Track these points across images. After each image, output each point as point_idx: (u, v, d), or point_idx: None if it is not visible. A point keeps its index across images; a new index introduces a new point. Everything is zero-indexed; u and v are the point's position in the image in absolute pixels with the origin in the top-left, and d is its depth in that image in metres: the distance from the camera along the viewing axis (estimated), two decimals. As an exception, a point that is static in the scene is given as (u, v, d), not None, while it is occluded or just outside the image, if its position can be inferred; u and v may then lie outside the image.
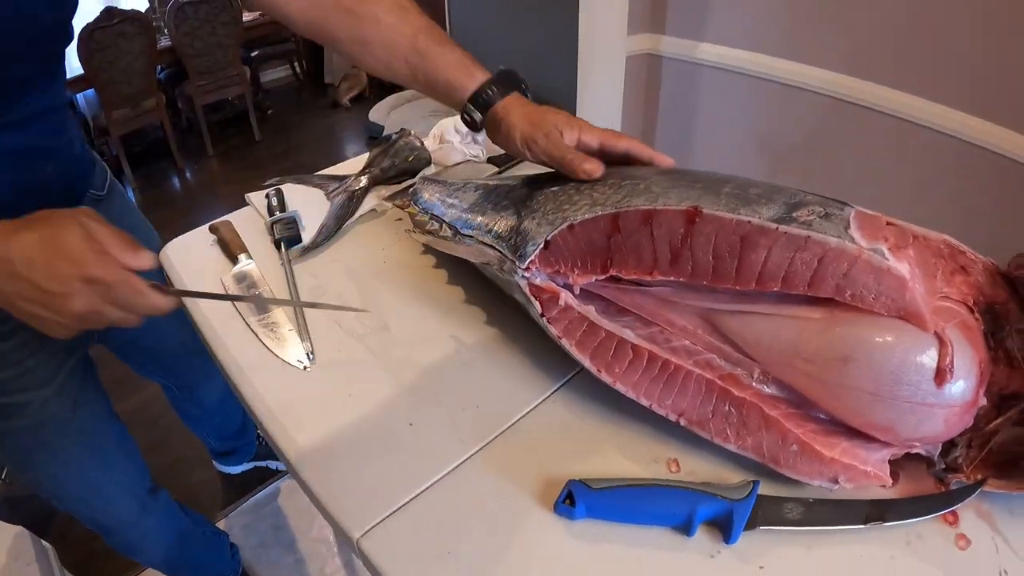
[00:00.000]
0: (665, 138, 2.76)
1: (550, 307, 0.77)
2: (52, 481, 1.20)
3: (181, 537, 1.51)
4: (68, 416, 1.14)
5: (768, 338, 0.68)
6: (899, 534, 0.64)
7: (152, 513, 1.38)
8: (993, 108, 1.72)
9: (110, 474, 1.27)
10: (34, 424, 1.10)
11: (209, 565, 1.73)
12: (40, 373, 1.08)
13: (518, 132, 0.87)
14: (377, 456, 0.77)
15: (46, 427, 1.12)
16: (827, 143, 2.22)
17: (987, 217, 1.86)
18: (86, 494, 1.25)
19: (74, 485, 1.22)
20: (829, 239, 0.60)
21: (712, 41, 2.40)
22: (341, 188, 1.26)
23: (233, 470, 2.19)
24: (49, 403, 1.10)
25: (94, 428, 1.21)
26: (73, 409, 1.15)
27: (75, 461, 1.19)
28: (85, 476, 1.22)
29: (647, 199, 0.71)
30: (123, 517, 1.32)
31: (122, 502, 1.31)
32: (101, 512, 1.29)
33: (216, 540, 1.75)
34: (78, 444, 1.18)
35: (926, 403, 0.60)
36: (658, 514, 0.66)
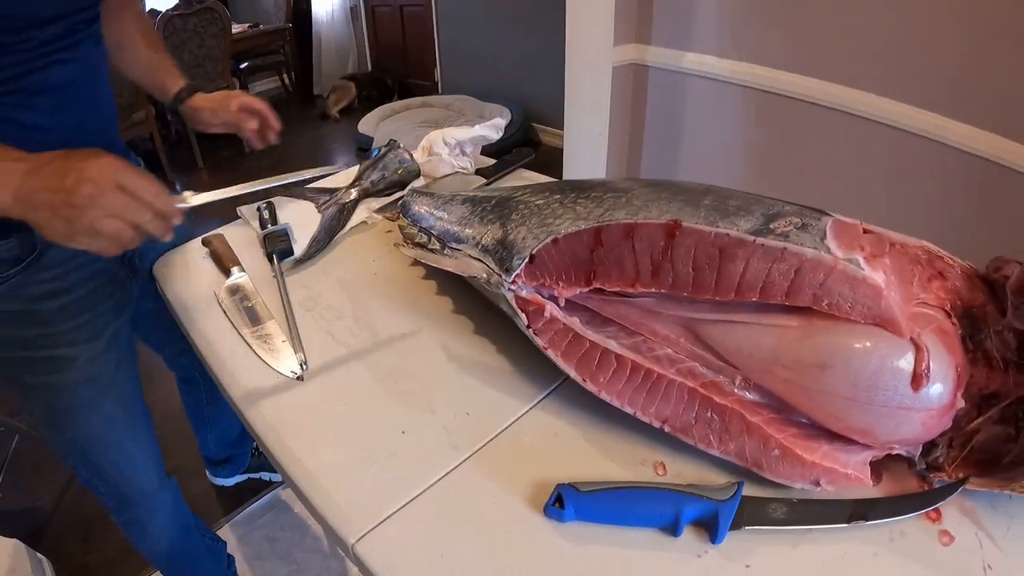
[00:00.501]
0: (652, 147, 2.77)
1: (536, 319, 0.79)
2: (88, 440, 1.22)
3: (184, 530, 1.53)
4: (111, 375, 1.20)
5: (748, 346, 0.70)
6: (883, 531, 0.66)
7: (167, 492, 1.41)
8: (974, 112, 1.74)
9: (139, 442, 1.31)
10: (79, 379, 1.15)
11: (206, 569, 1.72)
12: (90, 329, 1.14)
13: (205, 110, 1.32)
14: (371, 463, 0.78)
15: (90, 383, 1.17)
16: (811, 150, 2.24)
17: (968, 219, 1.88)
18: (117, 456, 1.28)
19: (107, 447, 1.25)
20: (805, 250, 0.62)
21: (698, 51, 2.42)
22: (332, 201, 1.28)
23: (226, 482, 2.19)
24: (96, 359, 1.16)
25: (130, 394, 1.26)
26: (115, 369, 1.20)
27: (112, 422, 1.23)
28: (119, 439, 1.26)
29: (628, 212, 0.73)
30: (145, 487, 1.34)
31: (146, 470, 1.34)
32: (126, 479, 1.31)
33: (215, 546, 1.76)
34: (117, 405, 1.23)
35: (903, 407, 0.62)
36: (645, 515, 0.67)
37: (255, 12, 6.58)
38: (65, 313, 1.10)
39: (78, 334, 1.12)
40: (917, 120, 1.86)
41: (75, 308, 1.11)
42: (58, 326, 1.10)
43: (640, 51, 2.56)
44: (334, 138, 5.65)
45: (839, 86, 2.04)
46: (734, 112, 2.42)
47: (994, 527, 0.66)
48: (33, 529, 2.17)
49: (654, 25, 2.50)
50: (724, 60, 2.34)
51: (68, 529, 2.18)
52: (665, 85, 2.58)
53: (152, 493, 1.36)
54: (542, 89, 4.79)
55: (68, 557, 2.05)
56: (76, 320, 1.12)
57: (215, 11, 4.49)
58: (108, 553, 2.07)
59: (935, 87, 1.81)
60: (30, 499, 2.29)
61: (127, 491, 1.33)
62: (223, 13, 4.56)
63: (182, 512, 1.51)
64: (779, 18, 2.13)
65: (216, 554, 1.75)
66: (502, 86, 5.17)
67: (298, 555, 1.99)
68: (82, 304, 1.12)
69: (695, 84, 2.49)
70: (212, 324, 1.05)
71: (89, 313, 1.13)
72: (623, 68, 2.57)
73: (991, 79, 1.68)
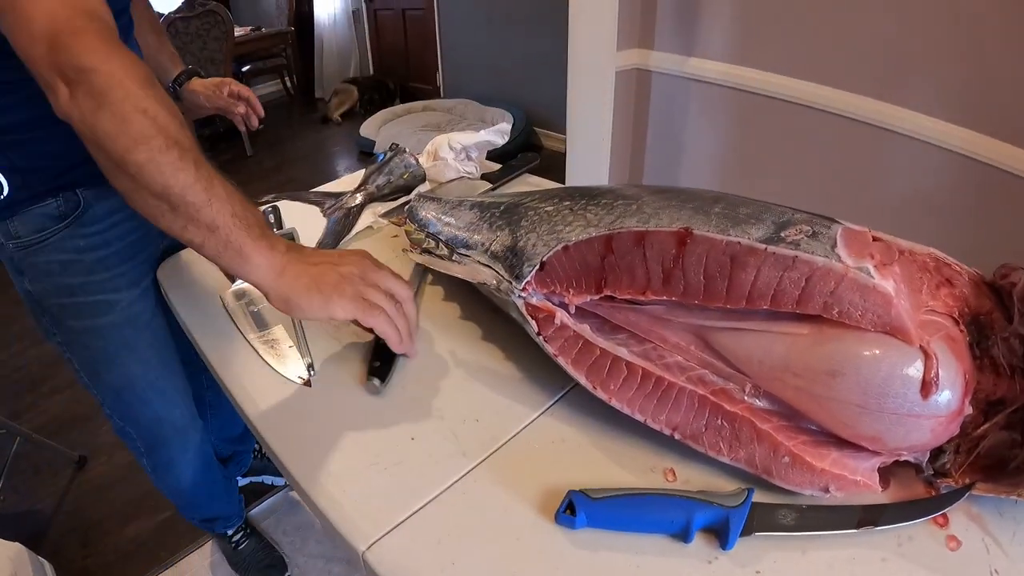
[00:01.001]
0: (654, 151, 2.78)
1: (546, 326, 0.79)
2: (126, 381, 1.33)
3: (208, 464, 1.61)
4: (148, 319, 1.31)
5: (759, 354, 0.70)
6: (891, 537, 0.66)
7: (196, 427, 1.51)
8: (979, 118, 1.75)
9: (174, 379, 1.41)
10: (120, 321, 1.26)
11: (221, 502, 1.82)
12: (130, 276, 1.26)
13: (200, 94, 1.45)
14: (380, 470, 0.78)
15: (130, 325, 1.28)
16: (814, 155, 2.24)
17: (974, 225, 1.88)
18: (153, 395, 1.38)
19: (144, 385, 1.36)
20: (816, 259, 0.63)
21: (700, 56, 2.42)
22: (337, 205, 1.28)
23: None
24: (135, 303, 1.27)
25: (164, 337, 1.36)
26: (153, 313, 1.32)
27: (147, 362, 1.34)
28: (155, 377, 1.36)
29: (639, 220, 0.73)
30: (177, 422, 1.44)
31: (179, 405, 1.43)
32: (160, 417, 1.41)
33: (228, 483, 1.84)
34: (152, 347, 1.33)
35: (912, 414, 0.62)
36: (656, 522, 0.67)
37: (257, 15, 6.59)
38: (106, 262, 1.22)
39: (119, 281, 1.24)
40: (920, 126, 1.86)
41: (115, 259, 1.23)
42: (100, 274, 1.22)
43: (643, 56, 2.56)
44: (336, 141, 5.66)
45: (842, 91, 2.05)
46: (737, 117, 2.42)
47: (1001, 532, 0.66)
48: (33, 532, 2.18)
49: (657, 30, 2.50)
50: (727, 65, 2.35)
51: (68, 533, 2.18)
52: (668, 90, 2.59)
53: (183, 429, 1.46)
54: (543, 93, 4.80)
55: (68, 561, 2.06)
56: (117, 269, 1.23)
57: (218, 14, 4.50)
58: (108, 557, 2.08)
59: (940, 93, 1.82)
60: (30, 502, 2.30)
61: (159, 431, 1.43)
62: (225, 16, 4.57)
63: (206, 449, 1.59)
64: (782, 24, 2.14)
65: (229, 491, 1.85)
66: (504, 90, 5.17)
67: (299, 560, 1.99)
68: (122, 255, 1.24)
69: (698, 89, 2.49)
70: (217, 329, 1.06)
71: (130, 262, 1.25)
72: (626, 73, 2.57)
73: (995, 84, 1.69)
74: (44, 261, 1.17)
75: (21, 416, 2.63)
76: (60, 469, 2.41)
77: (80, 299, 1.22)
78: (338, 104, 5.93)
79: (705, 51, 2.40)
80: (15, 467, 2.36)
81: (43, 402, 2.73)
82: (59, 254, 1.17)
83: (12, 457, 2.35)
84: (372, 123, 5.18)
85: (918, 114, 1.87)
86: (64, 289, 1.21)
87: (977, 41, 1.69)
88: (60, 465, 2.42)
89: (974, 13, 1.67)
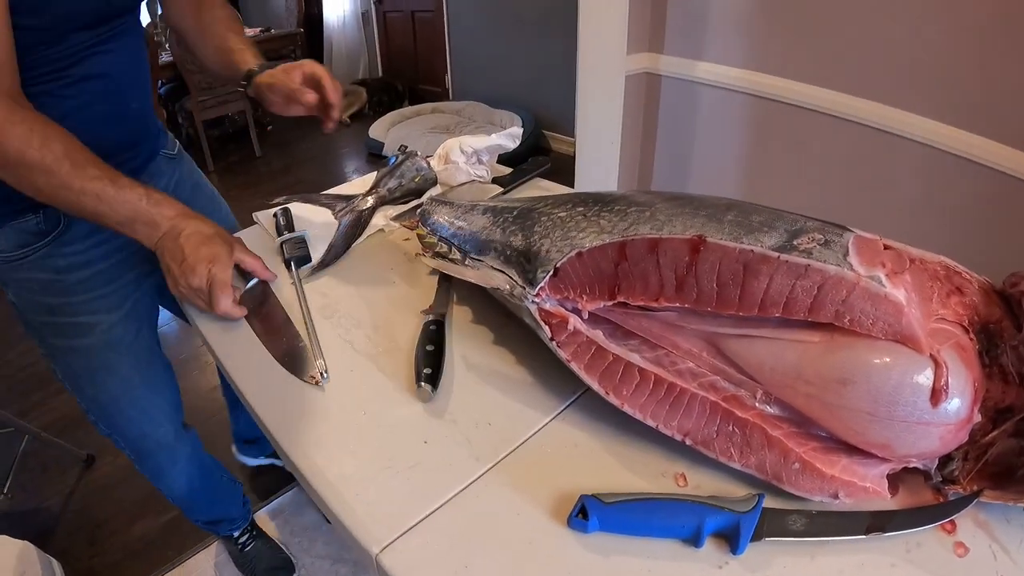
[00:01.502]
0: (664, 155, 2.78)
1: (559, 331, 0.80)
2: (108, 398, 1.34)
3: (203, 470, 1.62)
4: (130, 341, 1.31)
5: (770, 361, 0.70)
6: (899, 543, 0.67)
7: (185, 442, 1.51)
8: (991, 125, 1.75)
9: (157, 399, 1.41)
10: (99, 344, 1.27)
11: (223, 506, 1.82)
12: (111, 299, 1.26)
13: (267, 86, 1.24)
14: (393, 473, 0.78)
15: (109, 348, 1.29)
16: (825, 160, 2.24)
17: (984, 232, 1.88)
18: (135, 413, 1.38)
19: (126, 404, 1.36)
20: (828, 267, 0.63)
21: (710, 60, 2.43)
22: (348, 208, 1.28)
23: (251, 461, 2.27)
24: (115, 327, 1.28)
25: (148, 356, 1.37)
26: (135, 336, 1.32)
27: (129, 382, 1.34)
28: (137, 397, 1.37)
29: (653, 227, 0.73)
30: (162, 439, 1.44)
31: (163, 424, 1.43)
32: (144, 433, 1.42)
33: (232, 487, 1.84)
34: (134, 368, 1.34)
35: (922, 422, 0.63)
36: (668, 527, 0.68)
37: (267, 17, 6.61)
38: (87, 284, 1.22)
39: (99, 304, 1.25)
40: (932, 131, 1.87)
41: (96, 280, 1.23)
42: (80, 296, 1.22)
43: (653, 60, 2.57)
44: (344, 143, 5.67)
45: (852, 96, 2.05)
46: (746, 122, 2.43)
47: (1008, 539, 0.67)
48: (41, 531, 2.19)
49: (667, 34, 2.51)
50: (736, 70, 2.35)
51: (75, 531, 2.19)
52: (677, 94, 2.60)
53: (169, 445, 1.46)
54: (552, 96, 4.80)
55: (75, 560, 2.07)
56: (98, 291, 1.24)
57: (227, 16, 4.50)
58: (115, 556, 2.09)
59: (950, 98, 1.82)
60: (38, 501, 2.31)
61: (144, 444, 1.43)
62: (235, 17, 4.57)
63: (200, 457, 1.61)
64: (792, 29, 2.14)
65: (232, 494, 1.85)
66: (512, 93, 5.18)
67: (307, 560, 1.99)
68: (104, 276, 1.24)
69: (707, 93, 2.50)
70: (231, 330, 1.06)
71: (111, 285, 1.25)
72: (635, 77, 2.58)
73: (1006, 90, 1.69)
74: (25, 278, 1.19)
75: (29, 414, 2.65)
76: (68, 468, 2.42)
77: (59, 319, 1.24)
78: (347, 106, 5.93)
79: (715, 55, 2.41)
80: (23, 465, 2.38)
81: (51, 401, 2.74)
82: (39, 272, 1.18)
83: (20, 455, 2.36)
84: (381, 125, 5.19)
85: (928, 119, 1.87)
86: (43, 308, 1.22)
87: (988, 47, 1.70)
88: (68, 464, 2.43)
89: (984, 19, 1.67)
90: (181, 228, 1.03)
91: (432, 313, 1.01)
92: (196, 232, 1.04)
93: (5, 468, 2.31)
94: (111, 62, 1.13)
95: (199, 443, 1.60)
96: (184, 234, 1.03)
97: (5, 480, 2.26)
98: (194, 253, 1.02)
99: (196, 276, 1.01)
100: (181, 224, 1.04)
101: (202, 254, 1.02)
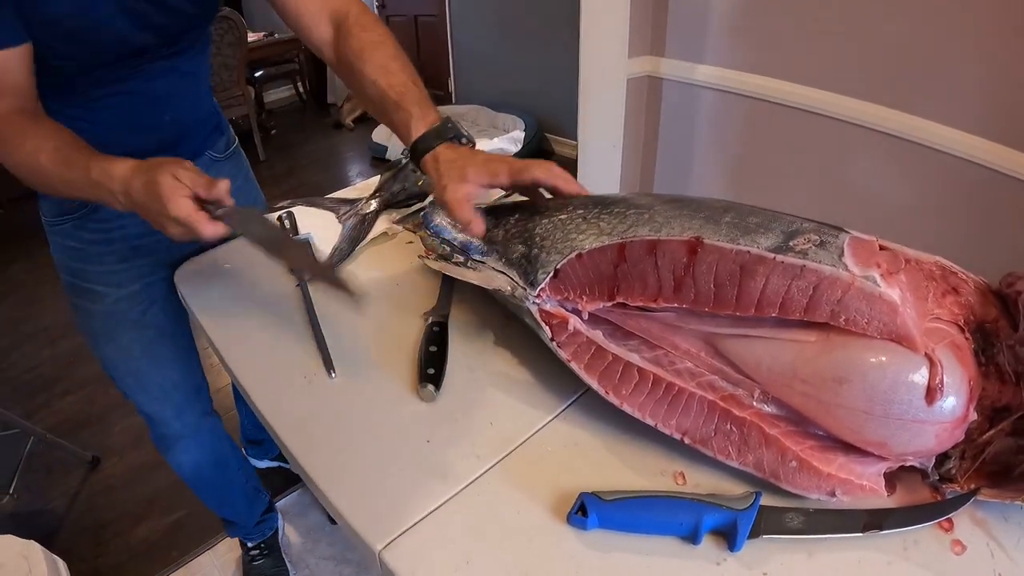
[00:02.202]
0: (666, 158, 2.79)
1: (559, 332, 0.81)
2: (109, 361, 1.42)
3: (218, 465, 1.63)
4: (135, 318, 1.37)
5: (767, 360, 0.71)
6: (896, 540, 0.67)
7: (190, 427, 1.52)
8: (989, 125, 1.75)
9: (158, 377, 1.45)
10: (104, 312, 1.35)
11: (234, 509, 1.82)
12: (121, 276, 1.33)
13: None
14: (396, 471, 0.79)
15: (112, 318, 1.36)
16: (826, 162, 2.24)
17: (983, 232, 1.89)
18: (132, 381, 1.44)
19: (124, 371, 1.43)
20: (824, 268, 0.64)
21: (711, 63, 2.44)
22: (352, 211, 1.30)
23: (258, 464, 2.26)
24: (121, 302, 1.34)
25: (155, 336, 1.40)
26: (141, 314, 1.37)
27: (127, 352, 1.40)
28: (136, 369, 1.42)
29: (651, 229, 0.74)
30: (162, 415, 1.48)
31: (162, 402, 1.47)
32: (145, 403, 1.47)
33: (253, 496, 1.84)
34: (136, 341, 1.39)
35: (917, 420, 0.63)
36: (666, 524, 0.68)
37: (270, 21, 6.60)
38: (103, 258, 1.31)
39: (111, 278, 1.32)
40: (932, 133, 1.87)
41: (112, 257, 1.31)
42: (96, 267, 1.31)
43: (654, 63, 2.58)
44: (348, 147, 5.69)
45: (852, 98, 2.06)
46: (748, 124, 2.43)
47: (1005, 537, 0.67)
48: (46, 532, 2.20)
49: (668, 37, 2.52)
50: (738, 72, 2.36)
51: (81, 533, 2.20)
52: (679, 97, 2.60)
53: (165, 422, 1.49)
54: (555, 99, 4.80)
55: (80, 560, 2.07)
56: (111, 267, 1.31)
57: (231, 20, 4.52)
58: (120, 557, 2.10)
59: (950, 100, 1.82)
60: (43, 502, 2.32)
61: (148, 411, 1.47)
62: (239, 22, 4.59)
63: (216, 450, 1.61)
64: (793, 31, 2.15)
65: (251, 501, 1.84)
66: (515, 96, 5.18)
67: (311, 561, 2.00)
68: (119, 255, 1.31)
69: (709, 96, 2.50)
70: (235, 330, 1.08)
71: (124, 264, 1.32)
72: (637, 80, 2.59)
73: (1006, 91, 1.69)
74: (59, 242, 1.30)
75: (34, 416, 2.66)
76: (73, 469, 2.43)
77: (78, 282, 1.33)
78: (350, 109, 5.94)
79: (716, 59, 2.42)
80: (28, 466, 2.38)
81: (56, 402, 2.76)
82: (69, 240, 1.29)
83: (26, 456, 2.37)
84: (384, 129, 5.12)
85: (929, 121, 1.88)
86: (68, 269, 1.32)
87: (988, 47, 1.70)
88: (73, 465, 2.44)
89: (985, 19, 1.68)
90: (129, 191, 0.92)
91: (434, 315, 1.02)
92: (138, 187, 0.91)
93: (11, 469, 2.32)
94: (144, 85, 1.15)
95: (220, 436, 1.62)
96: (134, 193, 0.92)
97: (11, 481, 2.27)
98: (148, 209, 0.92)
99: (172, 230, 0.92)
100: (129, 187, 0.92)
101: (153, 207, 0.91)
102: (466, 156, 0.94)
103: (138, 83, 1.14)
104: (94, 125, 1.09)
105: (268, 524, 1.93)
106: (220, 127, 1.45)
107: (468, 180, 0.91)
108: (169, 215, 0.89)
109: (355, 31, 1.10)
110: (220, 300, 1.16)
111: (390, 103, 1.02)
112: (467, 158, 0.93)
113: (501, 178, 0.91)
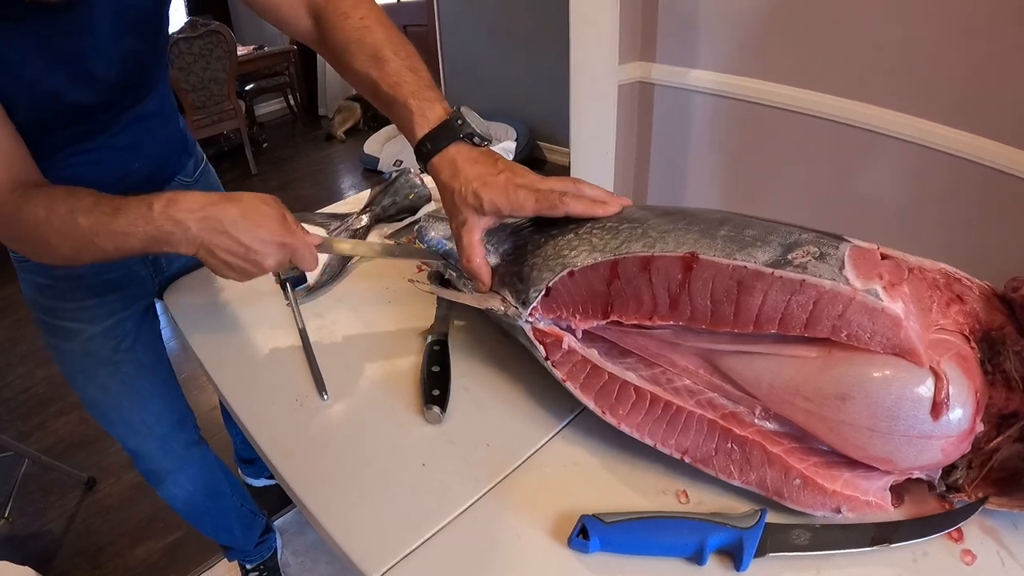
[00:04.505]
0: (658, 164, 2.78)
1: (554, 351, 0.79)
2: (89, 399, 1.38)
3: (210, 494, 1.60)
4: (108, 355, 1.33)
5: (768, 377, 0.70)
6: (906, 553, 0.66)
7: (180, 459, 1.50)
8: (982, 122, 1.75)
9: (142, 412, 1.41)
10: (78, 350, 1.31)
11: (230, 533, 1.78)
12: (94, 312, 1.29)
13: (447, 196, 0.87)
14: (392, 496, 0.78)
15: (87, 357, 1.32)
16: (819, 164, 2.24)
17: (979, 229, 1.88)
18: (114, 417, 1.40)
19: (107, 407, 1.39)
20: (823, 282, 0.63)
21: (702, 67, 2.43)
22: (343, 227, 1.29)
23: (254, 482, 2.25)
24: (94, 339, 1.30)
25: (133, 371, 1.37)
26: (114, 351, 1.33)
27: (106, 389, 1.36)
28: (116, 406, 1.39)
29: (645, 244, 0.73)
30: (147, 451, 1.44)
31: (145, 436, 1.43)
32: (127, 438, 1.43)
33: (249, 519, 1.81)
34: (113, 378, 1.35)
35: (923, 435, 0.62)
36: (670, 545, 0.67)
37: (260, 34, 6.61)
38: (75, 294, 1.26)
39: (82, 314, 1.28)
40: (925, 131, 1.87)
41: (84, 292, 1.26)
42: (68, 303, 1.27)
43: (645, 69, 2.57)
44: (340, 159, 5.68)
45: (845, 100, 2.05)
46: (740, 128, 2.43)
47: (1016, 545, 0.66)
48: (43, 555, 2.18)
49: (658, 43, 2.51)
50: (729, 76, 2.35)
51: (78, 555, 2.18)
52: (670, 102, 2.60)
53: (151, 456, 1.46)
54: (546, 107, 4.80)
55: (75, 586, 2.06)
56: (83, 302, 1.27)
57: (221, 34, 4.52)
58: (118, 580, 2.08)
59: (942, 97, 1.82)
60: (39, 524, 2.30)
61: (135, 448, 1.44)
62: (228, 36, 4.58)
63: (207, 480, 1.58)
64: (784, 33, 2.15)
65: (247, 526, 1.81)
66: (506, 105, 5.18)
67: (308, 580, 1.99)
68: (92, 290, 1.26)
69: (700, 101, 2.50)
70: (225, 352, 1.06)
71: (96, 299, 1.28)
72: (628, 86, 2.58)
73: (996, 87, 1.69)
74: (29, 279, 1.26)
75: (29, 437, 2.64)
76: (69, 491, 2.41)
77: (49, 320, 1.29)
78: (342, 121, 5.95)
79: (707, 63, 2.41)
80: (24, 489, 2.37)
81: (51, 423, 2.74)
82: (38, 276, 1.25)
83: (21, 479, 2.35)
84: (376, 140, 5.19)
85: (922, 119, 1.87)
86: (40, 306, 1.28)
87: (977, 45, 1.70)
88: (69, 487, 2.42)
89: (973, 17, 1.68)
90: (220, 217, 0.86)
91: (434, 333, 1.01)
92: (236, 212, 0.87)
93: (6, 492, 2.30)
94: (111, 140, 1.12)
95: (211, 464, 1.59)
96: (227, 220, 0.86)
97: (6, 504, 2.25)
98: (252, 234, 0.87)
99: (270, 260, 0.89)
100: (216, 213, 0.86)
101: (262, 232, 0.87)
102: (484, 174, 0.82)
103: (105, 138, 1.10)
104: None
105: (267, 545, 1.91)
106: (187, 148, 1.38)
107: (486, 212, 0.82)
108: (280, 241, 0.89)
109: (335, 20, 1.01)
110: (209, 321, 1.15)
111: (386, 98, 0.93)
112: (485, 177, 0.82)
113: (526, 211, 0.82)
